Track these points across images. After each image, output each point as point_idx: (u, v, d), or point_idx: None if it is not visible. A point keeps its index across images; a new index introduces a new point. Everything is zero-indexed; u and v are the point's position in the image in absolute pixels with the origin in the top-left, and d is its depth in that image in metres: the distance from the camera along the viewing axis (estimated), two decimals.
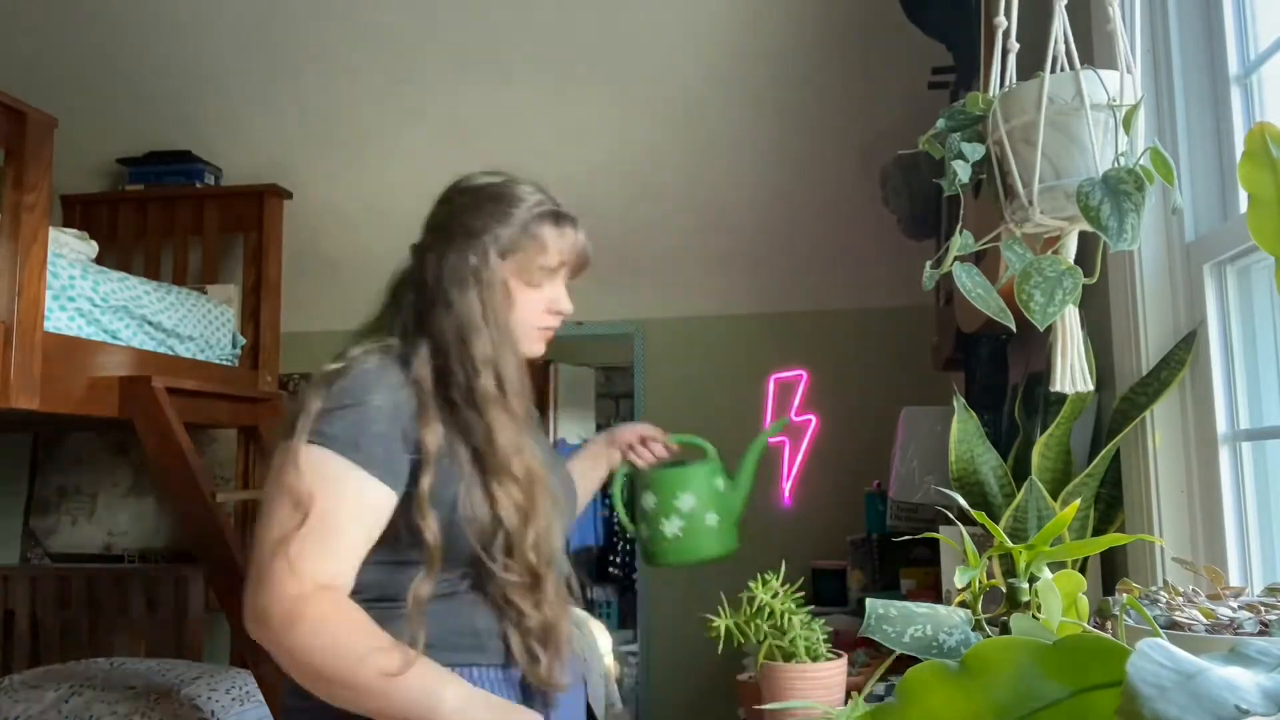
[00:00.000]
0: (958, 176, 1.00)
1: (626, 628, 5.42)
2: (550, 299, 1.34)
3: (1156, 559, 1.28)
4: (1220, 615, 0.78)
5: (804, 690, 1.23)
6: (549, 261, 1.32)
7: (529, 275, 1.30)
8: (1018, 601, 0.83)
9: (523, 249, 1.29)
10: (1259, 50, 1.28)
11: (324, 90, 3.20)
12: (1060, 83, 0.96)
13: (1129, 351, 1.37)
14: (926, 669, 0.43)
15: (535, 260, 1.30)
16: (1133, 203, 0.90)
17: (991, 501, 1.45)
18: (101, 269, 2.57)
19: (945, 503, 1.74)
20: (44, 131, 2.28)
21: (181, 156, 3.44)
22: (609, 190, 3.42)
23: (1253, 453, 1.24)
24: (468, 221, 1.29)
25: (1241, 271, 1.27)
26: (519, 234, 1.29)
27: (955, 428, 1.49)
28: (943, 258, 1.00)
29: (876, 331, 3.61)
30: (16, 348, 2.15)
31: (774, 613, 1.26)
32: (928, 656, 0.80)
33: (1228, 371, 1.26)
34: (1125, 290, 1.38)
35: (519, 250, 1.29)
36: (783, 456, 3.63)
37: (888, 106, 3.03)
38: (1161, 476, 1.30)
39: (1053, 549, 0.82)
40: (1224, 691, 0.36)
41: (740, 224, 3.52)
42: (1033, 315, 0.93)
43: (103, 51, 3.22)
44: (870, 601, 0.87)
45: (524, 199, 1.31)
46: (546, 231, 1.31)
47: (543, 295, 1.33)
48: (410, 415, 1.18)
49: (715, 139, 3.27)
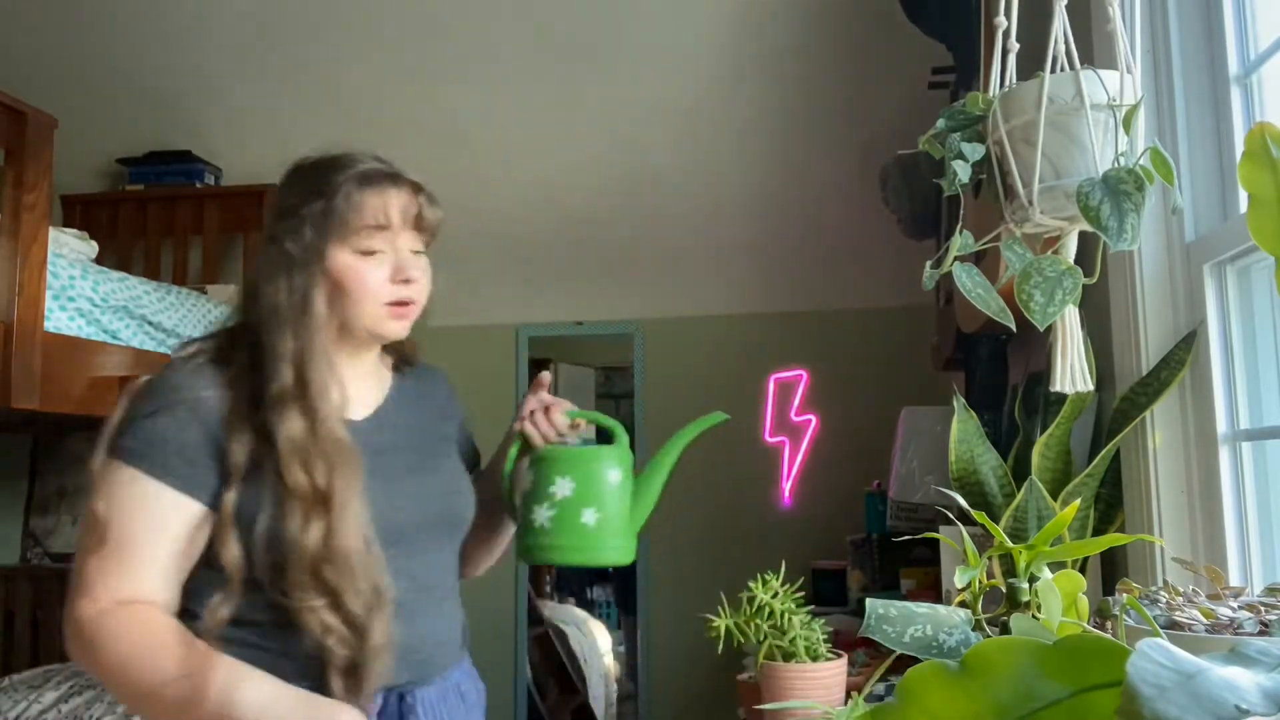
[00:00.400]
0: (958, 176, 1.00)
1: None
2: (394, 267, 1.21)
3: (1156, 559, 1.28)
4: (1220, 615, 0.78)
5: (804, 690, 1.23)
6: (372, 223, 1.19)
7: (358, 242, 1.18)
8: (1018, 601, 0.83)
9: (343, 217, 1.17)
10: (1259, 50, 1.28)
11: (324, 90, 3.20)
12: (1060, 83, 0.96)
13: (1129, 351, 1.37)
14: (926, 669, 0.43)
15: (359, 226, 1.18)
16: (1133, 203, 0.90)
17: (991, 501, 1.45)
18: (101, 269, 2.57)
19: (945, 503, 1.74)
20: (44, 131, 2.28)
21: (181, 156, 3.44)
22: (609, 190, 3.42)
23: (1253, 453, 1.24)
24: (285, 200, 1.22)
25: (1241, 271, 1.27)
26: (338, 202, 1.17)
27: (955, 428, 1.49)
28: (943, 258, 1.00)
29: (876, 331, 3.62)
30: (16, 348, 2.15)
31: (774, 613, 1.26)
32: (928, 656, 0.80)
33: (1228, 371, 1.26)
34: (1125, 290, 1.38)
35: (339, 219, 1.17)
36: (783, 456, 3.63)
37: (888, 106, 3.03)
38: (1161, 476, 1.30)
39: (1053, 549, 0.82)
40: (1224, 691, 0.36)
41: (740, 224, 3.53)
42: (1033, 315, 0.93)
43: (103, 51, 3.22)
44: (870, 601, 0.87)
45: (342, 165, 1.21)
46: (367, 194, 1.19)
47: (382, 264, 1.20)
48: (218, 421, 1.11)
49: (715, 139, 3.27)
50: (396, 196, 1.21)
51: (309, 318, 1.16)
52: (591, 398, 6.23)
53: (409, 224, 1.22)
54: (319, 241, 1.17)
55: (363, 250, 1.19)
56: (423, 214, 1.24)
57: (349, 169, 1.20)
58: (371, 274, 1.19)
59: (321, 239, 1.17)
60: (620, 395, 6.44)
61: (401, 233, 1.21)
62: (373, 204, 1.19)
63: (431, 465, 1.29)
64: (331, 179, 1.19)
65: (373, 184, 1.20)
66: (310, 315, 1.16)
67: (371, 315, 1.20)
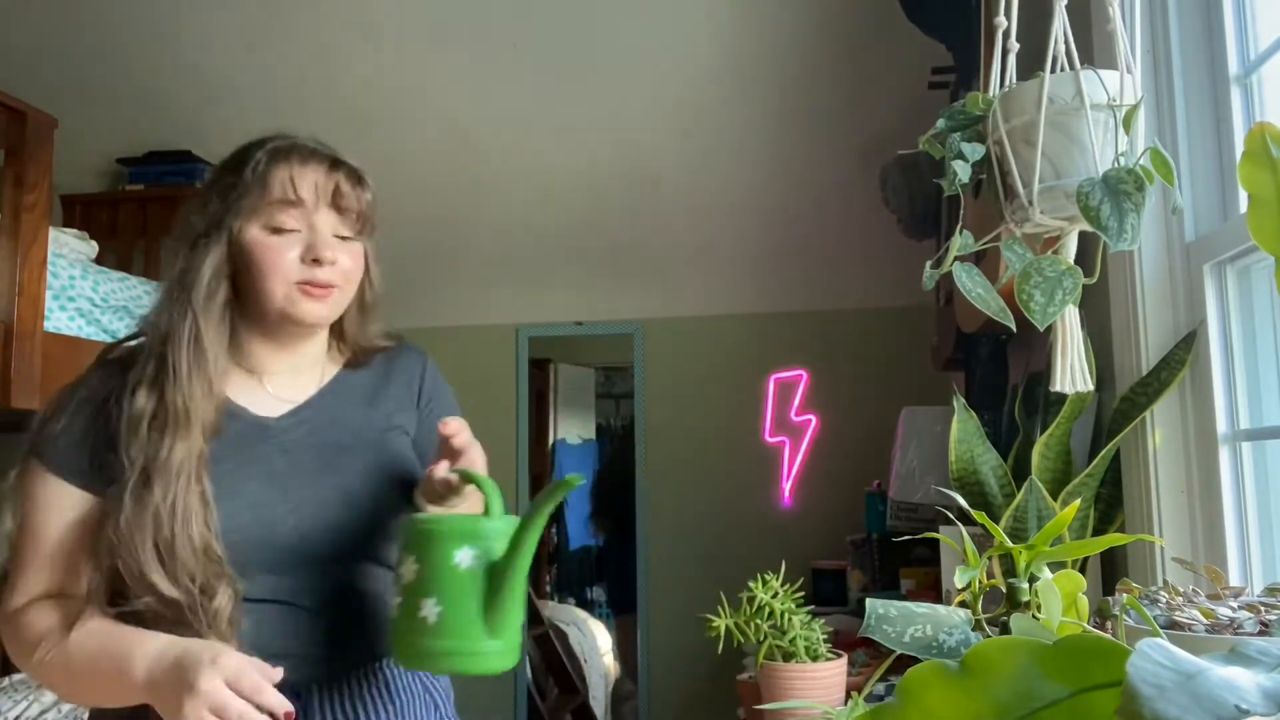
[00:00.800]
0: (958, 176, 1.00)
1: None
2: (305, 245, 1.14)
3: (1156, 559, 1.28)
4: (1220, 615, 0.78)
5: (804, 690, 1.23)
6: (280, 198, 1.13)
7: (268, 218, 1.13)
8: (1018, 601, 0.83)
9: (251, 192, 1.12)
10: (1259, 50, 1.28)
11: (324, 90, 3.20)
12: (1060, 83, 0.96)
13: (1129, 351, 1.37)
14: (926, 669, 0.43)
15: (267, 201, 1.12)
16: (1133, 203, 0.90)
17: (991, 501, 1.45)
18: (101, 269, 2.57)
19: (945, 503, 1.74)
20: (44, 131, 2.28)
21: (181, 156, 3.44)
22: (609, 190, 3.42)
23: (1253, 453, 1.24)
24: (205, 184, 1.19)
25: (1241, 271, 1.27)
26: (245, 175, 1.13)
27: (955, 428, 1.49)
28: (943, 258, 1.00)
29: (876, 331, 3.62)
30: (16, 348, 2.15)
31: (774, 613, 1.26)
32: (928, 656, 0.80)
33: (1228, 371, 1.26)
34: (1125, 290, 1.38)
35: (247, 194, 1.13)
36: (783, 456, 3.63)
37: (888, 106, 3.03)
38: (1161, 476, 1.30)
39: (1053, 549, 0.82)
40: (1224, 691, 0.36)
41: (741, 224, 3.53)
42: (1033, 315, 0.93)
43: (103, 51, 3.22)
44: (870, 601, 0.87)
45: (261, 143, 1.16)
46: (276, 168, 1.14)
47: (294, 243, 1.13)
48: (116, 415, 1.08)
49: (716, 139, 3.27)
50: (310, 172, 1.15)
51: (193, 291, 1.10)
52: (591, 398, 6.23)
53: (325, 201, 1.15)
54: (224, 215, 1.12)
55: (272, 227, 1.13)
56: (340, 190, 1.16)
57: (265, 145, 1.16)
58: (280, 252, 1.13)
59: (228, 213, 1.12)
60: (620, 395, 6.44)
61: (317, 211, 1.15)
62: (280, 177, 1.13)
63: (344, 466, 1.17)
64: (246, 155, 1.15)
65: (283, 158, 1.14)
66: (194, 289, 1.10)
67: (281, 295, 1.13)
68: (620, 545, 4.07)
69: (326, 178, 1.15)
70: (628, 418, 5.69)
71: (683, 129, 3.25)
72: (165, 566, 1.02)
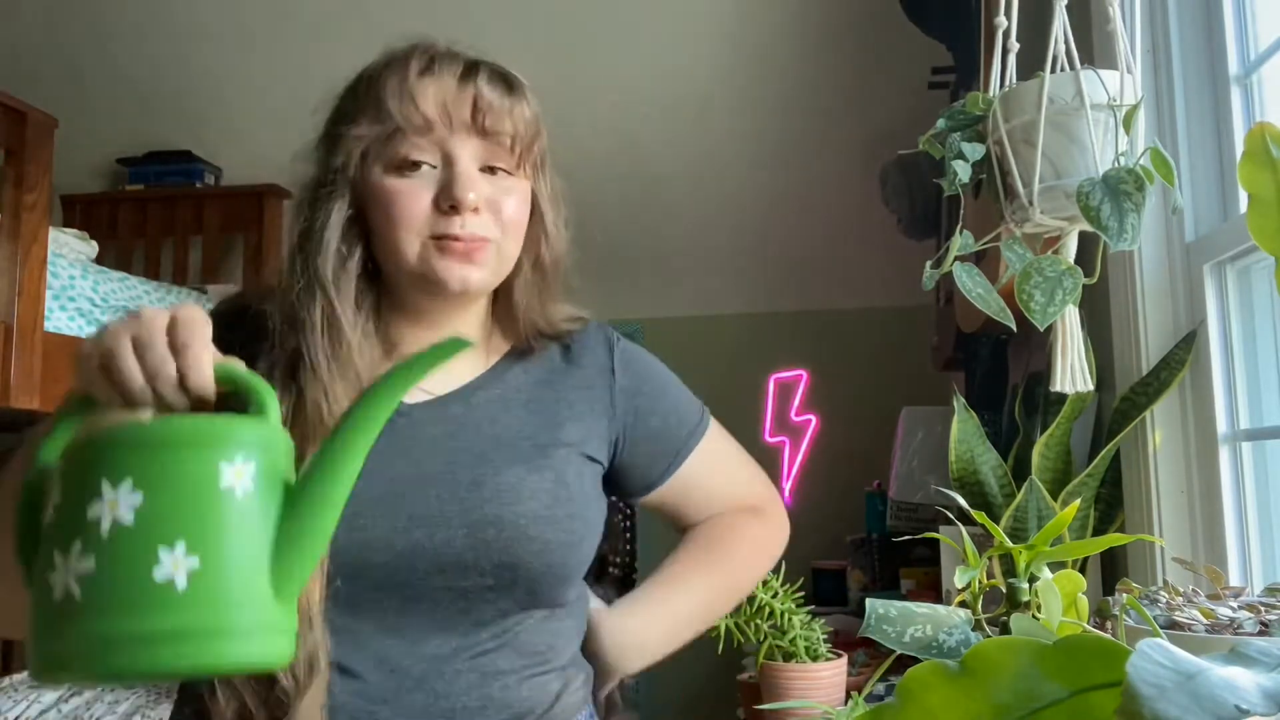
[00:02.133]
0: (958, 176, 1.00)
1: None
2: (441, 184, 0.85)
3: (1156, 559, 1.28)
4: (1220, 615, 0.78)
5: (804, 690, 1.23)
6: (399, 122, 0.85)
7: (389, 153, 0.86)
8: (1018, 601, 0.83)
9: (363, 119, 0.86)
10: (1259, 50, 1.28)
11: (325, 89, 3.20)
12: (1060, 83, 0.96)
13: (1129, 351, 1.37)
14: (926, 669, 0.43)
15: (383, 128, 0.86)
16: (1133, 203, 0.90)
17: (991, 501, 1.45)
18: (101, 269, 2.57)
19: (945, 503, 1.74)
20: (44, 131, 2.28)
21: (181, 156, 3.44)
22: (609, 190, 3.42)
23: (1253, 453, 1.24)
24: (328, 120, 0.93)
25: (1241, 271, 1.27)
26: (365, 104, 0.87)
27: (955, 428, 1.49)
28: (943, 258, 1.00)
29: (876, 331, 3.62)
30: (16, 348, 2.15)
31: (774, 613, 1.26)
32: (928, 656, 0.80)
33: (1228, 371, 1.26)
34: (1125, 290, 1.38)
35: (359, 122, 0.86)
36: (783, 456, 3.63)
37: (888, 106, 3.03)
38: (1161, 476, 1.30)
39: (1053, 549, 0.82)
40: (1224, 691, 0.36)
41: (741, 223, 3.53)
42: (1033, 315, 0.93)
43: (103, 51, 3.22)
44: (870, 601, 0.87)
45: (380, 61, 0.91)
46: (387, 81, 0.87)
47: (424, 183, 0.86)
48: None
49: (716, 138, 3.27)
50: (433, 82, 0.86)
51: (318, 260, 0.84)
52: None
53: (462, 120, 0.86)
54: (341, 154, 0.87)
55: (396, 164, 0.85)
56: (481, 103, 0.85)
57: (387, 63, 0.89)
58: (408, 197, 0.85)
59: (343, 150, 0.87)
60: None
61: (454, 135, 0.86)
62: (391, 91, 0.85)
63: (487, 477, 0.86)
64: (360, 76, 0.91)
65: (397, 67, 0.87)
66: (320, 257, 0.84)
67: (414, 255, 0.85)
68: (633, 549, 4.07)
69: (459, 87, 0.86)
70: None
71: (683, 129, 3.25)
72: None
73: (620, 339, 1.04)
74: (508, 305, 0.95)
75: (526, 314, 0.95)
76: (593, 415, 0.96)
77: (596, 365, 0.99)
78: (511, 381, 0.95)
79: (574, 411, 0.95)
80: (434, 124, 0.85)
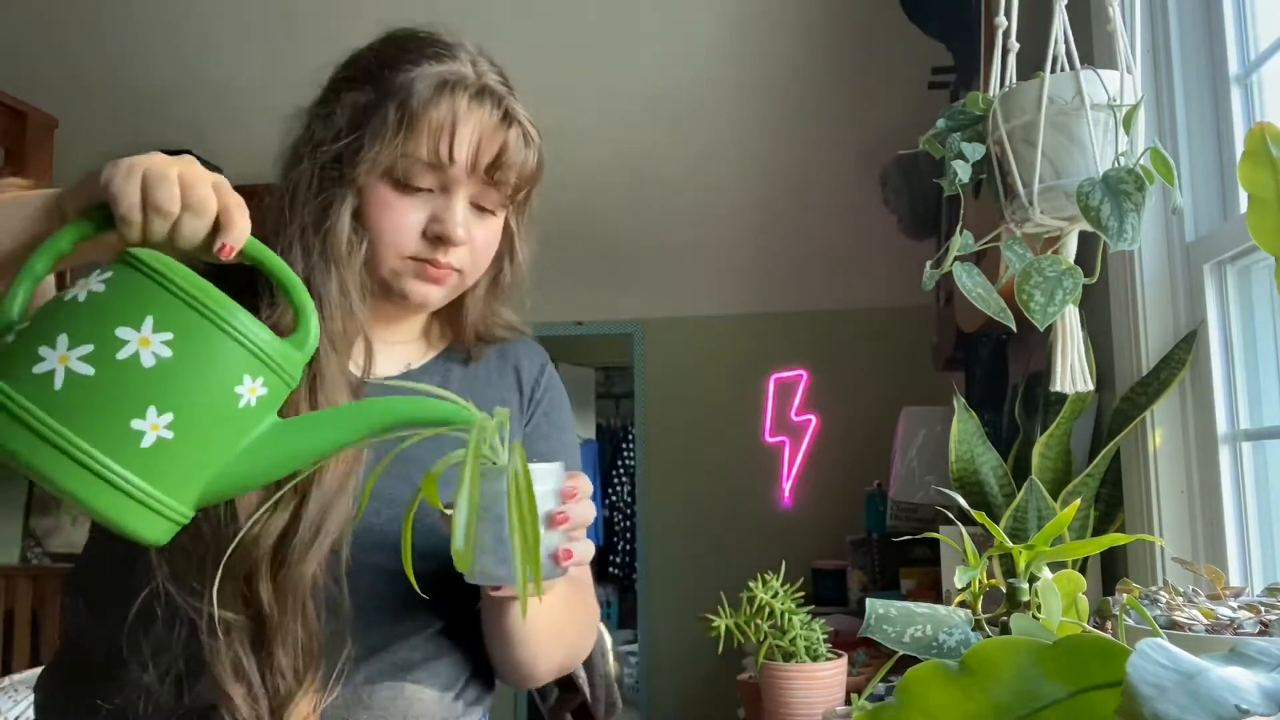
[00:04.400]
0: (958, 176, 1.00)
1: (626, 628, 5.41)
2: (433, 215, 0.88)
3: (1156, 559, 1.28)
4: (1220, 615, 0.78)
5: (804, 690, 1.23)
6: (436, 161, 0.87)
7: (397, 169, 0.87)
8: (1018, 601, 0.83)
9: (394, 132, 0.86)
10: (1259, 50, 1.28)
11: None
12: (1060, 83, 0.96)
13: (1129, 351, 1.37)
14: (926, 669, 0.43)
15: (411, 150, 0.86)
16: (1133, 203, 0.90)
17: (991, 501, 1.45)
18: None
19: (945, 503, 1.74)
20: (44, 131, 2.29)
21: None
22: (609, 190, 3.42)
23: (1253, 453, 1.24)
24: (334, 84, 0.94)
25: (1241, 271, 1.27)
26: (392, 114, 0.86)
27: (955, 428, 1.49)
28: (943, 258, 1.00)
29: (876, 331, 3.62)
30: None
31: (774, 613, 1.26)
32: (928, 656, 0.80)
33: (1228, 371, 1.26)
34: (1125, 290, 1.38)
35: (390, 133, 0.86)
36: (783, 456, 3.63)
37: (888, 106, 3.03)
38: (1161, 476, 1.30)
39: (1053, 549, 0.82)
40: (1224, 691, 0.36)
41: (741, 224, 3.53)
42: (1033, 315, 0.93)
43: (103, 51, 3.22)
44: (870, 601, 0.87)
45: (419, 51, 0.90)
46: (435, 108, 0.86)
47: (419, 205, 0.88)
48: None
49: (715, 138, 3.27)
50: (474, 122, 0.87)
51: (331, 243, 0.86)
52: (591, 398, 6.24)
53: (481, 165, 0.88)
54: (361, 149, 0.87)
55: (401, 180, 0.88)
56: (504, 157, 0.88)
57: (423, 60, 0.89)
58: (402, 215, 0.88)
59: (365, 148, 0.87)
60: (620, 395, 6.45)
61: (467, 176, 0.89)
62: (435, 124, 0.86)
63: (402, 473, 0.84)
64: (398, 68, 0.89)
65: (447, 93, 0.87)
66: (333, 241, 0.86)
67: (389, 268, 0.90)
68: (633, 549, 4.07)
69: (492, 135, 0.88)
70: (628, 417, 5.69)
71: (683, 129, 3.25)
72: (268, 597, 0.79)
73: (551, 364, 1.09)
74: (457, 311, 1.00)
75: (473, 323, 1.00)
76: (516, 418, 1.00)
77: (526, 374, 1.04)
78: (451, 376, 0.99)
79: (501, 402, 0.99)
80: (456, 165, 0.88)
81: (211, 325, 0.63)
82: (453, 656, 0.94)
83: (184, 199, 0.68)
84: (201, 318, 0.63)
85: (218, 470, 0.64)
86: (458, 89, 0.88)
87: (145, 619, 0.81)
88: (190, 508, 0.65)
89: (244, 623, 0.79)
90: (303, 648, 0.80)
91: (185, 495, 0.64)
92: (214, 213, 0.68)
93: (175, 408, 0.61)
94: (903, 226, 2.76)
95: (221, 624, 0.78)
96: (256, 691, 0.79)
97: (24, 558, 3.69)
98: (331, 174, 0.88)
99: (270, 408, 0.67)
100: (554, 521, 0.73)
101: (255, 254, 0.70)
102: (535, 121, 0.94)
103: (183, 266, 0.65)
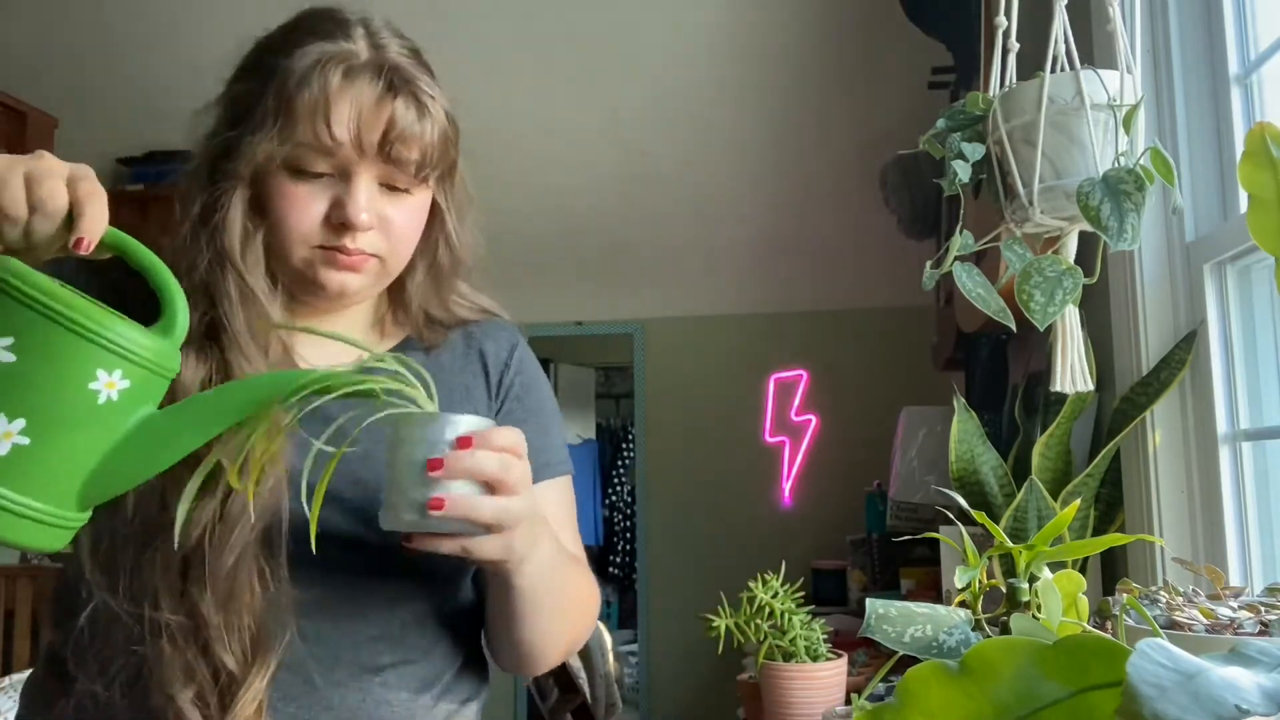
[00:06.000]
0: (958, 176, 1.00)
1: (626, 628, 5.42)
2: (333, 200, 0.85)
3: (1156, 559, 1.28)
4: (1220, 615, 0.78)
5: (804, 690, 1.23)
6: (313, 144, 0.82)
7: (290, 159, 0.84)
8: (1018, 601, 0.83)
9: (269, 118, 0.83)
10: (1259, 50, 1.28)
11: None
12: (1060, 83, 0.96)
13: (1129, 351, 1.37)
14: (926, 669, 0.43)
15: (289, 135, 0.83)
16: (1133, 203, 0.90)
17: (991, 501, 1.45)
18: None
19: (945, 503, 1.74)
20: (44, 131, 2.28)
21: (181, 156, 3.43)
22: (609, 190, 3.42)
23: (1253, 453, 1.24)
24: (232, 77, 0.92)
25: (1241, 271, 1.27)
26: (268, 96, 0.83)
27: (955, 428, 1.49)
28: (943, 258, 1.00)
29: (876, 331, 3.62)
30: None
31: (774, 613, 1.26)
32: (928, 656, 0.80)
33: (1228, 371, 1.26)
34: (1125, 290, 1.38)
35: (266, 118, 0.83)
36: (783, 456, 3.63)
37: (888, 106, 3.03)
38: (1161, 476, 1.30)
39: (1053, 549, 0.82)
40: (1224, 691, 0.36)
41: (741, 224, 3.53)
42: (1033, 315, 0.93)
43: (103, 51, 3.23)
44: (870, 601, 0.87)
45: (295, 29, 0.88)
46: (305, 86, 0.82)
47: (319, 191, 0.85)
48: None
49: (715, 139, 3.27)
50: (350, 98, 0.83)
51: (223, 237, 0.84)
52: (591, 398, 6.24)
53: (370, 143, 0.84)
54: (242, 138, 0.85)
55: (294, 167, 0.84)
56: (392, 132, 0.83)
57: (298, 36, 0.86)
58: (301, 204, 0.84)
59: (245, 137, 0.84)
60: (620, 395, 6.45)
61: (360, 159, 0.84)
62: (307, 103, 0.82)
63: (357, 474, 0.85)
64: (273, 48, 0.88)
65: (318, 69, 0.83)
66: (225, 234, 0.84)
67: (298, 259, 0.86)
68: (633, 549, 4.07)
69: (374, 110, 0.83)
70: (628, 417, 5.69)
71: (683, 129, 3.25)
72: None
73: (525, 344, 1.04)
74: (401, 299, 0.97)
75: (419, 309, 0.97)
76: (484, 404, 0.97)
77: (493, 358, 1.00)
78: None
79: (469, 396, 0.97)
80: (342, 145, 0.84)
81: (53, 324, 0.61)
82: (431, 654, 0.90)
83: (29, 199, 0.66)
84: (42, 318, 0.61)
85: (95, 468, 0.63)
86: (329, 66, 0.83)
87: (91, 629, 0.81)
88: (74, 509, 0.63)
89: (181, 622, 0.77)
90: (246, 644, 0.78)
91: (60, 499, 0.62)
92: (64, 209, 0.66)
93: (26, 412, 0.60)
94: (903, 226, 2.75)
95: (159, 625, 0.76)
96: (203, 690, 0.77)
97: (24, 557, 3.69)
98: (222, 168, 0.86)
99: (141, 400, 0.65)
100: (428, 468, 0.71)
101: (117, 244, 0.68)
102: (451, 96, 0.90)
103: (22, 266, 0.63)
